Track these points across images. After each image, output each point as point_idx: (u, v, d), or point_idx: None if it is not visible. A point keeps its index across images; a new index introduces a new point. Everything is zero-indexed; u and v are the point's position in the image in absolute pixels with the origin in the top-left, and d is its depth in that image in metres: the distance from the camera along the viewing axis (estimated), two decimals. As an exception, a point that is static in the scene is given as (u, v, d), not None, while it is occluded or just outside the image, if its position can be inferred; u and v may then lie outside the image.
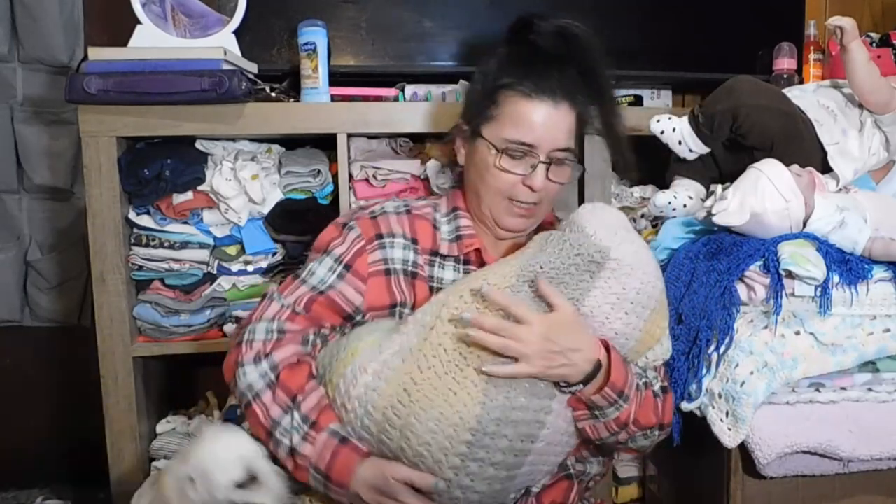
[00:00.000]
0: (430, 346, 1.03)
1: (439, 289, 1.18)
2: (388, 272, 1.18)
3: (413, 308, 1.16)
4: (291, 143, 1.72)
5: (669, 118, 1.50)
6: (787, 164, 1.34)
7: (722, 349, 1.27)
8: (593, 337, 1.07)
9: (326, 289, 1.15)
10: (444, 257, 1.21)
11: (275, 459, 1.05)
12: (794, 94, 1.53)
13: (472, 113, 1.22)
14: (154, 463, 1.63)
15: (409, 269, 1.19)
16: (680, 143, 1.49)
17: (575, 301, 1.06)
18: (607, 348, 1.07)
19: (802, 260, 1.24)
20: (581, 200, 1.65)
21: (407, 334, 1.06)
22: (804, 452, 1.25)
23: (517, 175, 1.17)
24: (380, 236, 1.19)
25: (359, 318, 1.17)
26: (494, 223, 1.22)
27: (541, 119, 1.16)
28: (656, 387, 1.14)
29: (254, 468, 1.02)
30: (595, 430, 1.08)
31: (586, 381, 1.04)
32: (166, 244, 1.59)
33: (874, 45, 1.87)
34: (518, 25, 1.22)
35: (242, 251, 1.63)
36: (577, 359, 1.03)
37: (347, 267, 1.17)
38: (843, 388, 1.31)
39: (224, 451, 1.03)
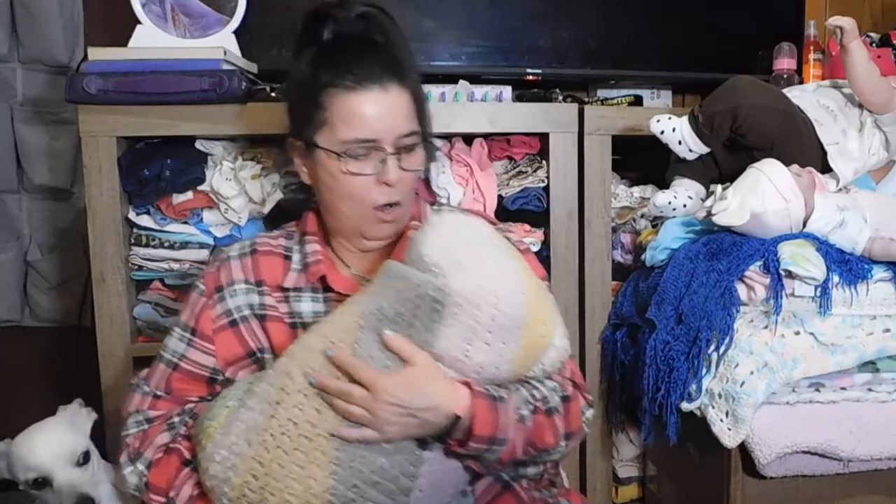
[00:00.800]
0: (278, 423, 0.95)
1: (303, 324, 1.09)
2: (233, 322, 1.10)
3: (273, 351, 1.08)
4: (291, 143, 1.72)
5: (669, 118, 1.50)
6: (787, 164, 1.34)
7: (722, 349, 1.27)
8: (452, 385, 0.95)
9: (178, 360, 1.10)
10: (296, 290, 1.12)
11: None
12: (794, 94, 1.53)
13: (299, 125, 1.11)
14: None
15: (257, 312, 1.10)
16: (680, 143, 1.49)
17: (427, 344, 0.95)
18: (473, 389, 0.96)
19: (802, 260, 1.24)
20: (581, 201, 1.65)
21: (252, 410, 0.96)
22: (804, 452, 1.25)
23: (368, 175, 1.06)
24: (220, 288, 1.12)
25: (220, 378, 1.10)
26: (360, 236, 1.12)
27: (374, 110, 1.05)
28: (553, 402, 1.03)
29: (47, 474, 1.15)
30: (484, 467, 1.01)
31: (448, 434, 0.95)
32: (166, 244, 1.59)
33: (874, 45, 1.87)
34: (314, 18, 1.12)
35: (242, 251, 1.63)
36: (431, 417, 0.92)
37: (193, 331, 1.11)
38: (843, 388, 1.31)
39: (26, 450, 1.16)
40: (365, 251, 1.15)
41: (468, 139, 1.68)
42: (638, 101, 1.97)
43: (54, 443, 1.18)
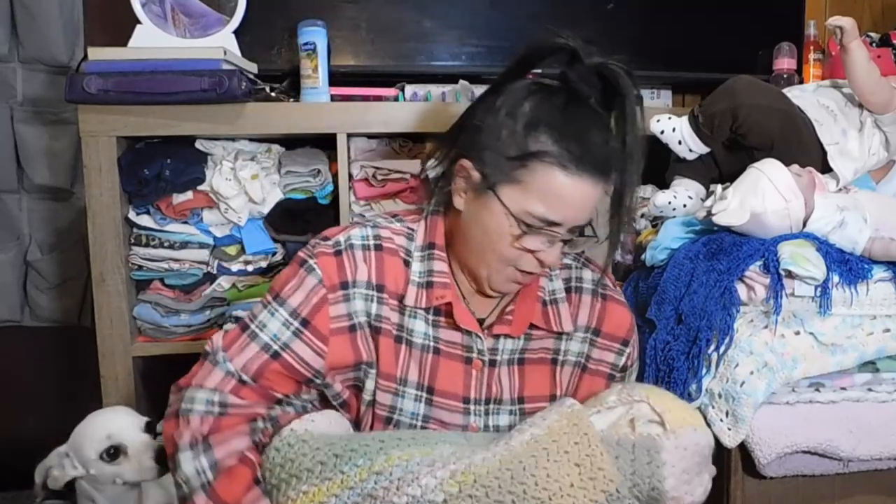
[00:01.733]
0: None
1: (408, 341, 1.04)
2: (352, 328, 1.02)
3: (377, 366, 1.03)
4: (291, 142, 1.72)
5: (669, 118, 1.50)
6: (787, 164, 1.34)
7: (722, 349, 1.27)
8: None
9: (281, 350, 1.00)
10: (412, 308, 1.04)
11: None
12: (794, 94, 1.53)
13: (490, 163, 0.98)
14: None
15: (373, 322, 1.03)
16: (680, 143, 1.49)
17: None
18: None
19: (802, 260, 1.24)
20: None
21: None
22: (804, 452, 1.25)
23: (529, 252, 1.00)
24: (344, 285, 1.01)
25: (318, 381, 1.03)
26: (487, 285, 1.05)
27: (577, 199, 0.96)
28: None
29: (119, 442, 1.15)
30: None
31: None
32: (166, 244, 1.59)
33: (874, 45, 1.87)
34: (557, 55, 0.97)
35: (242, 251, 1.63)
36: None
37: (305, 323, 1.00)
38: (843, 388, 1.31)
39: (93, 428, 1.16)
40: (483, 296, 1.09)
41: (468, 139, 1.68)
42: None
43: (122, 414, 1.21)
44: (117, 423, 1.18)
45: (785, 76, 1.81)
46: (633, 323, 1.17)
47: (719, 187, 1.37)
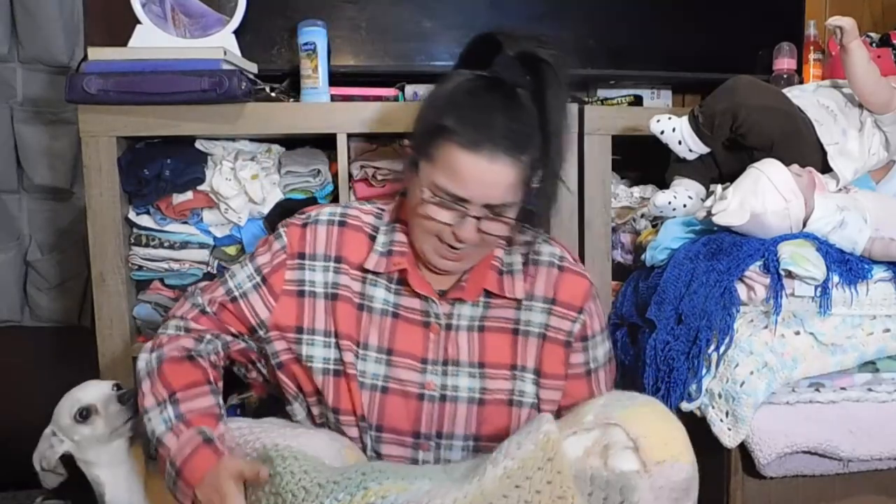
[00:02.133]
0: None
1: (369, 307, 1.15)
2: (301, 293, 1.16)
3: (336, 335, 1.14)
4: (291, 143, 1.72)
5: (669, 118, 1.50)
6: (787, 164, 1.34)
7: (722, 349, 1.27)
8: None
9: (239, 296, 1.16)
10: (375, 274, 1.17)
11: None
12: (794, 94, 1.53)
13: (417, 139, 1.12)
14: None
15: (330, 290, 1.16)
16: (680, 143, 1.49)
17: None
18: None
19: (802, 260, 1.24)
20: (581, 201, 1.65)
21: None
22: (804, 452, 1.25)
23: (443, 224, 1.08)
24: (301, 255, 1.17)
25: (262, 332, 1.16)
26: (426, 258, 1.15)
27: (475, 175, 1.04)
28: None
29: (88, 402, 1.20)
30: None
31: None
32: (166, 244, 1.59)
33: (874, 45, 1.87)
34: (482, 43, 1.12)
35: (242, 251, 1.63)
36: None
37: (263, 280, 1.16)
38: (842, 388, 1.31)
39: (65, 399, 1.22)
40: (431, 272, 1.18)
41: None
42: (638, 101, 1.97)
43: (90, 384, 1.26)
44: (86, 390, 1.24)
45: (785, 76, 1.81)
46: (591, 293, 1.23)
47: (719, 187, 1.37)
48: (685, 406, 1.29)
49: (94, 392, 1.23)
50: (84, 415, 1.20)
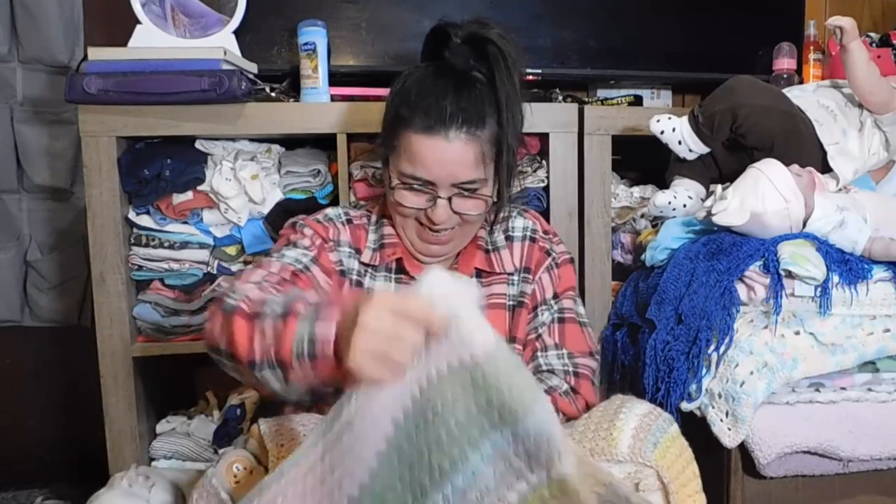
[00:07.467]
0: None
1: None
2: (342, 273, 1.20)
3: None
4: (291, 143, 1.72)
5: (669, 118, 1.50)
6: (787, 164, 1.34)
7: (722, 349, 1.27)
8: None
9: (303, 269, 1.12)
10: (373, 268, 1.22)
11: None
12: (794, 94, 1.53)
13: (384, 134, 1.18)
14: (154, 463, 1.63)
15: (353, 277, 1.21)
16: (680, 143, 1.49)
17: None
18: None
19: (802, 260, 1.24)
20: (581, 201, 1.65)
21: None
22: (804, 452, 1.25)
23: (416, 209, 1.14)
24: (331, 241, 1.21)
25: None
26: (411, 245, 1.20)
27: (434, 156, 1.09)
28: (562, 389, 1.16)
29: None
30: None
31: None
32: (166, 244, 1.59)
33: (874, 45, 1.87)
34: (433, 37, 1.18)
35: (242, 251, 1.63)
36: None
37: (315, 259, 1.16)
38: (842, 388, 1.31)
39: None
40: (418, 260, 1.22)
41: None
42: (638, 101, 1.97)
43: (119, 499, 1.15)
44: None
45: (785, 76, 1.81)
46: (554, 258, 1.27)
47: (719, 187, 1.37)
48: (685, 406, 1.29)
49: None
50: None
